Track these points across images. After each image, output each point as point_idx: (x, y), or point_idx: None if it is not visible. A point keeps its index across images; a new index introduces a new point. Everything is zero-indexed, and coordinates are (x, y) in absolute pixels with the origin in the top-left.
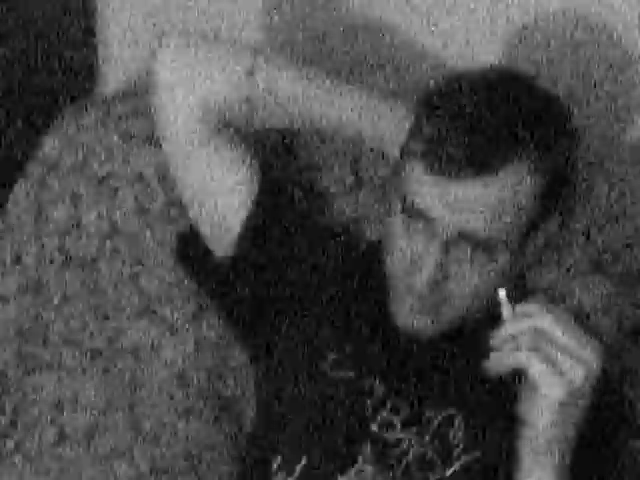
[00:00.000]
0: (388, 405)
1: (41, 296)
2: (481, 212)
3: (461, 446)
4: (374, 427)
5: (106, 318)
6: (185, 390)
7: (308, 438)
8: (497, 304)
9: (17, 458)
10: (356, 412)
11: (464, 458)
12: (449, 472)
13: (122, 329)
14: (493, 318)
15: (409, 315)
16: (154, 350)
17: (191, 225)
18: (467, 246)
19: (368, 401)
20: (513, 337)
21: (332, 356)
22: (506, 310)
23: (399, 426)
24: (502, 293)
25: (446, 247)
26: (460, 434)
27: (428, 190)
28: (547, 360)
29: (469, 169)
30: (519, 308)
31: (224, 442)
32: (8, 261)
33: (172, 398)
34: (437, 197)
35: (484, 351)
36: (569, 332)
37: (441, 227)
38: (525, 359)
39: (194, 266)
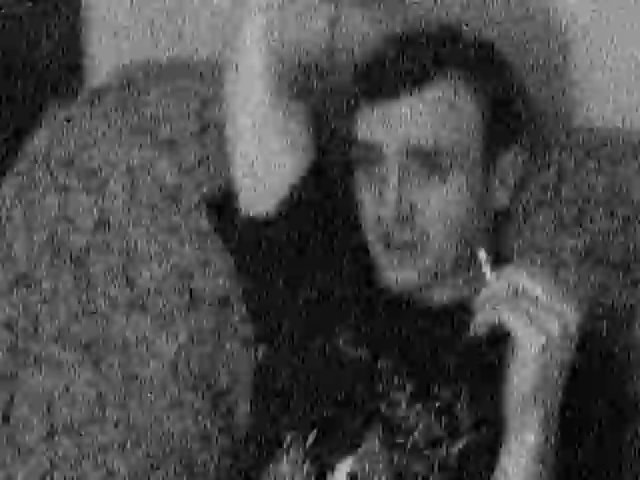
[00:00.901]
0: (395, 382)
1: (31, 290)
2: (421, 125)
3: (467, 422)
4: (383, 405)
5: (97, 311)
6: (177, 383)
7: (318, 415)
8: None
9: (9, 453)
10: (366, 390)
11: (470, 434)
12: (456, 448)
13: (113, 322)
14: None
15: (391, 269)
16: (146, 343)
17: (220, 186)
18: (421, 169)
19: (377, 379)
20: (494, 297)
21: (346, 334)
22: (487, 271)
23: (405, 403)
24: (482, 254)
25: (401, 171)
26: (466, 410)
27: (373, 121)
28: (525, 314)
29: (400, 86)
30: (499, 270)
31: (217, 434)
32: None
33: (164, 391)
34: (379, 121)
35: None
36: (546, 288)
37: (389, 148)
38: (504, 314)
39: (223, 222)
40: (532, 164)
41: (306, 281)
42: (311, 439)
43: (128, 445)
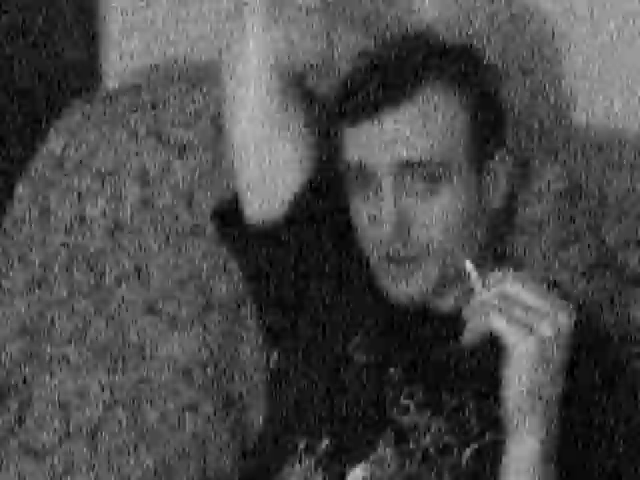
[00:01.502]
0: (404, 389)
1: (46, 292)
2: (407, 139)
3: (476, 428)
4: (393, 412)
5: (111, 314)
6: (190, 386)
7: (329, 422)
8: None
9: (23, 455)
10: (376, 397)
11: (480, 440)
12: (466, 454)
13: (127, 326)
14: None
15: (393, 284)
16: (159, 346)
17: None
18: (413, 183)
19: (387, 385)
20: (483, 304)
21: (356, 339)
22: (474, 280)
23: (414, 410)
24: (468, 263)
25: (395, 188)
26: (475, 416)
27: (357, 140)
28: (515, 319)
29: (381, 103)
30: (487, 277)
31: (229, 438)
32: (14, 257)
33: (177, 394)
34: (368, 143)
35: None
36: (535, 293)
37: (380, 167)
38: (493, 320)
39: (229, 231)
40: (541, 169)
41: (315, 288)
42: (322, 447)
43: (141, 448)
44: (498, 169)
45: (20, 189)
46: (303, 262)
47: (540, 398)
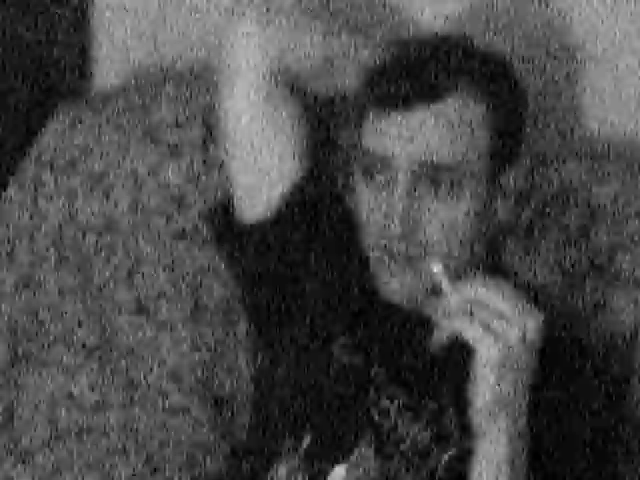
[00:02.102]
0: (386, 391)
1: (36, 293)
2: (434, 139)
3: (456, 433)
4: (374, 413)
5: (101, 316)
6: (179, 388)
7: (313, 422)
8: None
9: (11, 455)
10: (359, 397)
11: (459, 445)
12: (444, 458)
13: (117, 327)
14: None
15: (391, 281)
16: (149, 348)
17: (216, 199)
18: (429, 184)
19: (370, 387)
20: (451, 310)
21: (342, 340)
22: (444, 284)
23: (394, 412)
24: (438, 268)
25: (410, 185)
26: (454, 420)
27: (383, 131)
28: (481, 324)
29: (416, 97)
30: (456, 283)
31: (218, 441)
32: (3, 257)
33: (167, 396)
34: (392, 134)
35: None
36: (503, 298)
37: (401, 162)
38: (460, 326)
39: (220, 232)
40: (537, 176)
41: (302, 288)
42: (304, 445)
43: (130, 450)
44: (507, 183)
45: (10, 190)
46: (292, 263)
47: (506, 403)
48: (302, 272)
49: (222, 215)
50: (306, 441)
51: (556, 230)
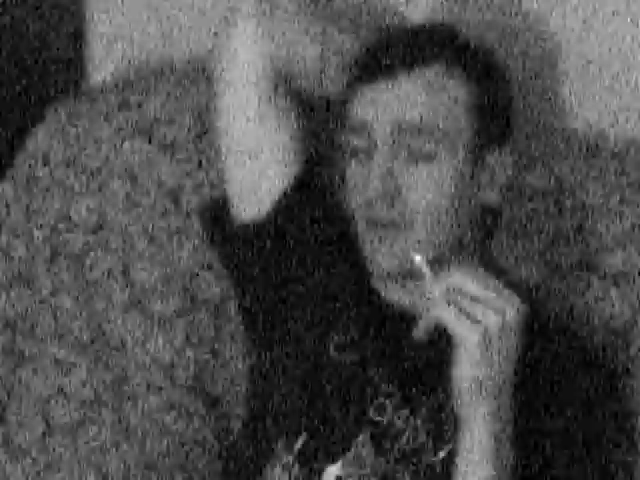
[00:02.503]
0: (383, 388)
1: (30, 289)
2: (412, 104)
3: (452, 429)
4: (371, 410)
5: (95, 311)
6: (173, 386)
7: (309, 420)
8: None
9: (4, 451)
10: (356, 396)
11: (454, 443)
12: (441, 455)
13: (111, 323)
14: None
15: (375, 250)
16: (143, 344)
17: (211, 197)
18: (408, 150)
19: (366, 384)
20: (431, 298)
21: (337, 339)
22: (426, 274)
23: (392, 409)
24: (418, 258)
25: (389, 149)
26: (451, 417)
27: (367, 98)
28: (461, 310)
29: (398, 65)
30: (438, 273)
31: (212, 437)
32: None
33: (160, 393)
34: (372, 100)
35: None
36: (483, 286)
37: (379, 125)
38: (441, 312)
39: (215, 230)
40: (530, 171)
41: (297, 287)
42: (299, 443)
43: (123, 446)
44: (496, 166)
45: (5, 186)
46: (287, 261)
47: (487, 388)
48: (296, 271)
49: (217, 213)
50: (301, 439)
51: (550, 227)
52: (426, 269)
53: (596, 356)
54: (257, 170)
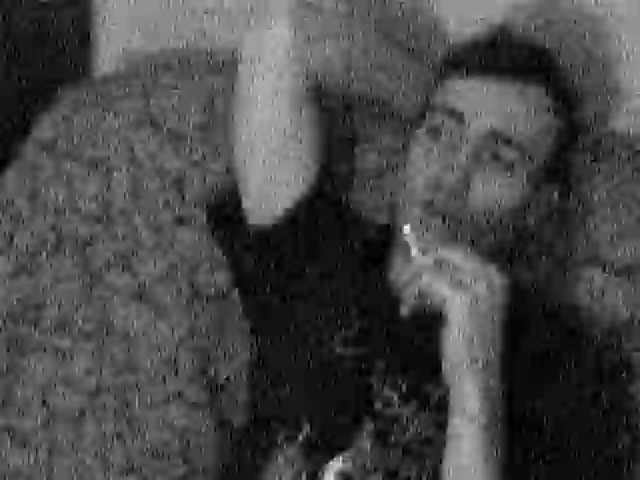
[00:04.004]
0: (388, 381)
1: (33, 278)
2: (509, 111)
3: None
4: (376, 403)
5: (98, 301)
6: (176, 375)
7: (313, 413)
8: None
9: (7, 439)
10: (360, 388)
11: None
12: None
13: (114, 312)
14: None
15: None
16: (146, 334)
17: (225, 191)
18: (491, 154)
19: (372, 377)
20: (418, 269)
21: (341, 334)
22: (412, 245)
23: (398, 402)
24: (407, 229)
25: (476, 148)
26: None
27: (461, 91)
28: (449, 279)
29: (499, 70)
30: (424, 247)
31: (214, 428)
32: (1, 242)
33: (163, 382)
34: (469, 96)
35: None
36: (469, 257)
37: (473, 123)
38: (429, 283)
39: (224, 228)
40: None
41: (305, 282)
42: (302, 437)
43: (126, 435)
44: (545, 196)
45: (10, 173)
46: (295, 258)
47: (476, 358)
48: (304, 268)
49: (227, 208)
50: (305, 431)
51: (555, 220)
52: (413, 241)
53: (600, 349)
54: (274, 172)
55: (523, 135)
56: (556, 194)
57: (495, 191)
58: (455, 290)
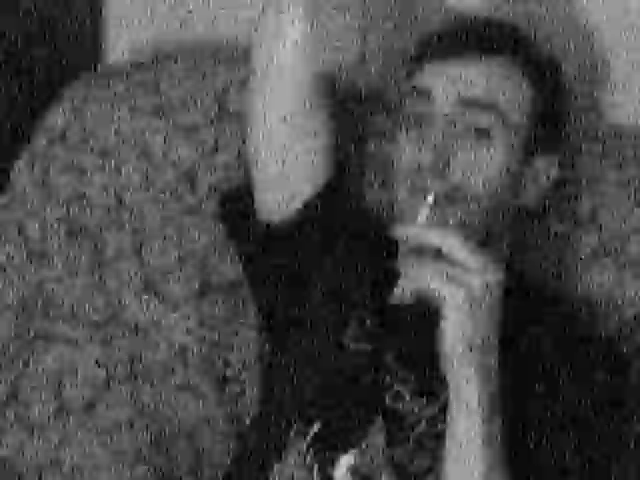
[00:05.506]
0: (399, 376)
1: (44, 268)
2: (477, 82)
3: None
4: (387, 398)
5: (109, 292)
6: (186, 366)
7: (324, 408)
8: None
9: (17, 430)
10: (370, 383)
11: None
12: None
13: (125, 303)
14: None
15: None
16: (156, 325)
17: (237, 185)
18: (465, 125)
19: (382, 372)
20: (415, 263)
21: (353, 329)
22: (424, 213)
23: (408, 397)
24: (430, 198)
25: (448, 121)
26: None
27: (432, 71)
28: (444, 274)
29: (472, 50)
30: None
31: (223, 419)
32: (12, 232)
33: (173, 374)
34: (440, 73)
35: None
36: (465, 250)
37: (443, 96)
38: (426, 277)
39: (236, 222)
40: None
41: (317, 277)
42: (313, 431)
43: (136, 426)
44: (541, 170)
45: (20, 164)
46: (306, 254)
47: (472, 345)
48: (315, 264)
49: (240, 203)
50: (316, 426)
51: (567, 214)
52: (426, 211)
53: (611, 343)
54: (288, 169)
55: (492, 97)
56: (555, 167)
57: (475, 163)
58: (450, 285)
